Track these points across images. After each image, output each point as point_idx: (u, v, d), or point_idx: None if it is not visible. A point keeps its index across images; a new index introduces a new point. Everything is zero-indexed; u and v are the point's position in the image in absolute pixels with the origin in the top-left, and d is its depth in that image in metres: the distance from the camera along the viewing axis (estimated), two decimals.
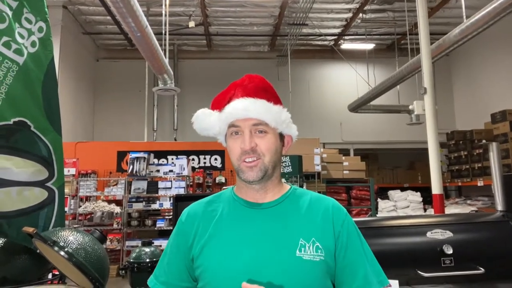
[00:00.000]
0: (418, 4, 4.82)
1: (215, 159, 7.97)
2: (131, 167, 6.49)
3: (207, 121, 1.04)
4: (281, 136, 1.04)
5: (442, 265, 1.83)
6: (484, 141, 6.63)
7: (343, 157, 7.41)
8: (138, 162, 6.50)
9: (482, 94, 8.45)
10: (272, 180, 1.02)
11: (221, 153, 7.94)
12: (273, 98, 1.02)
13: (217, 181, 7.65)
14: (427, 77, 4.61)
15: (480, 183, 6.54)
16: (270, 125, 0.98)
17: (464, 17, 5.19)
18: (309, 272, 0.93)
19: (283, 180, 1.15)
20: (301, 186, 5.62)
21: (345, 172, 7.21)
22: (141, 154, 6.59)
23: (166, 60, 6.23)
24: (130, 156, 6.62)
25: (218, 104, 1.04)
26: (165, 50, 6.28)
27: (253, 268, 0.93)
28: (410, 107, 7.03)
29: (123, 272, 2.09)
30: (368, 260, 1.01)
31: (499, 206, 2.22)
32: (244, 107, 0.97)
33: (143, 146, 7.71)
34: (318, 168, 6.67)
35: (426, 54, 4.69)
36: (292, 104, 8.22)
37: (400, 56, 9.04)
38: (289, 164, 5.76)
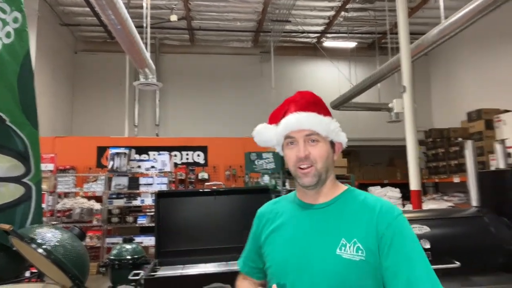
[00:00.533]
0: (398, 4, 4.90)
1: (198, 155, 7.91)
2: (111, 163, 6.38)
3: (267, 134, 1.19)
4: (332, 144, 1.15)
5: None
6: (460, 139, 6.84)
7: None
8: (118, 158, 6.39)
9: (459, 93, 8.69)
10: (326, 184, 1.13)
11: (204, 149, 7.89)
12: (323, 110, 1.15)
13: (199, 177, 7.61)
14: (406, 76, 4.70)
15: (456, 179, 6.74)
16: (321, 135, 1.10)
17: (443, 17, 5.31)
18: (347, 270, 1.01)
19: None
20: (284, 183, 5.64)
21: None
22: (121, 150, 6.48)
23: (148, 54, 6.12)
24: (110, 152, 6.50)
25: (275, 119, 1.18)
26: (146, 44, 6.16)
27: (300, 261, 1.07)
28: (390, 105, 7.12)
29: (103, 269, 2.06)
30: (417, 265, 0.99)
31: (474, 202, 2.30)
32: (297, 120, 1.10)
33: (124, 141, 7.58)
34: None
35: (406, 53, 4.78)
36: (275, 101, 8.16)
37: (381, 55, 9.19)
38: (273, 160, 5.78)
